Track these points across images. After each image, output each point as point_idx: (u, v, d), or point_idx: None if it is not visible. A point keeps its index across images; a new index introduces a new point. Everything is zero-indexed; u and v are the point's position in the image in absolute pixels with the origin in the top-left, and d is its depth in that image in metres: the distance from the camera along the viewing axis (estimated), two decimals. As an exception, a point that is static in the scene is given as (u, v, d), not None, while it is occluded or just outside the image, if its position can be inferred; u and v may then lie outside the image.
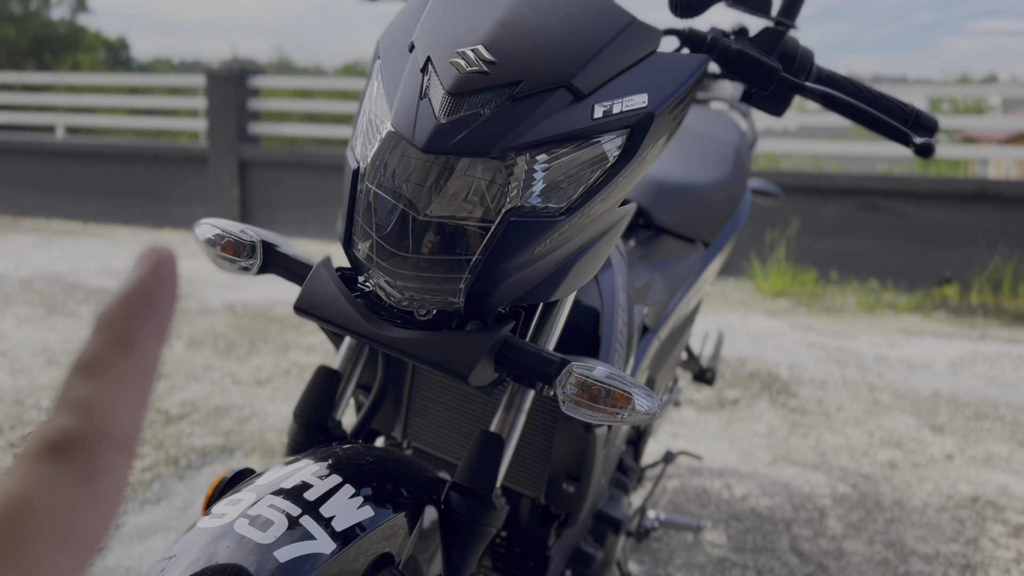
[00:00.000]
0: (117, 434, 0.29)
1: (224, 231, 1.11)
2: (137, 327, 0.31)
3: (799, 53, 1.16)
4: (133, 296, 0.31)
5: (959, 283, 6.18)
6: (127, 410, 0.30)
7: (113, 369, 0.30)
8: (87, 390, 0.29)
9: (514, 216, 0.93)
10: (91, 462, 0.28)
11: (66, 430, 0.29)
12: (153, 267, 0.32)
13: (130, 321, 0.31)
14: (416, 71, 0.97)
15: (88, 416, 0.29)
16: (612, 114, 0.96)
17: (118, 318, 0.31)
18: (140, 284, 0.31)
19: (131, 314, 0.31)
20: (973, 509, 2.86)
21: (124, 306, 0.31)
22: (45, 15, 28.07)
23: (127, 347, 0.30)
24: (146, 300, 0.31)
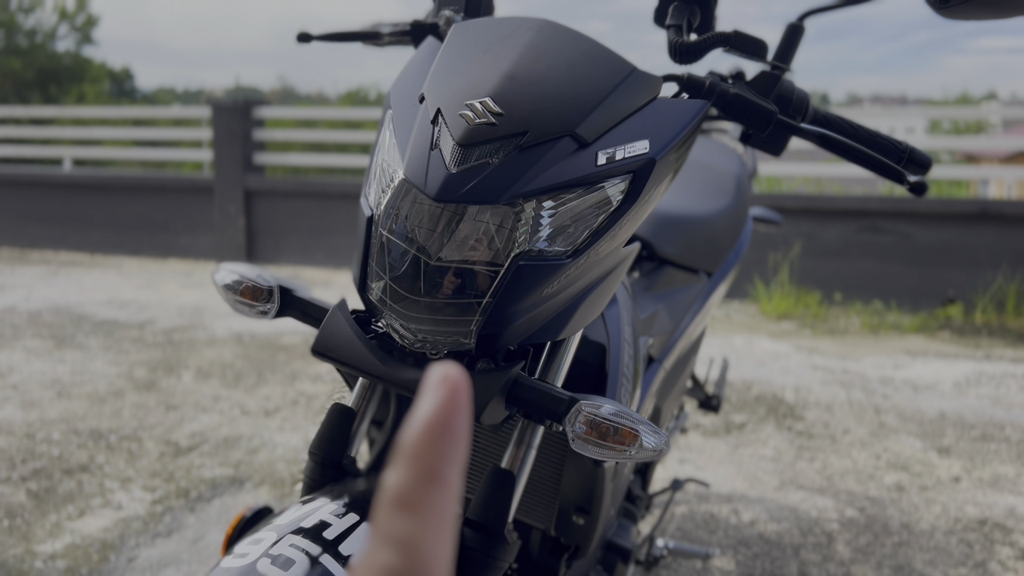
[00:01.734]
0: (434, 570, 0.30)
1: (242, 276, 1.14)
2: (442, 458, 0.30)
3: (795, 95, 1.19)
4: (435, 426, 0.30)
5: (963, 303, 6.19)
6: (441, 544, 0.30)
7: (425, 503, 0.30)
8: (405, 526, 0.29)
9: (523, 260, 0.95)
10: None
11: (393, 568, 0.29)
12: (450, 394, 0.31)
13: (435, 452, 0.30)
14: (427, 122, 1.00)
15: (409, 553, 0.29)
16: (615, 160, 0.98)
17: (424, 450, 0.30)
18: (440, 413, 0.31)
19: (435, 445, 0.30)
20: (981, 532, 2.86)
21: (428, 436, 0.30)
22: (50, 47, 28.29)
23: (436, 480, 0.30)
24: (447, 430, 0.31)
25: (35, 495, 2.94)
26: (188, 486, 3.04)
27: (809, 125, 1.20)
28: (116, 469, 3.17)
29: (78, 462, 3.22)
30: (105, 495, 2.96)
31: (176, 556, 2.58)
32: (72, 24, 28.92)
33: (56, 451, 3.31)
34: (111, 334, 5.19)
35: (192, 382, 4.23)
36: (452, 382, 0.31)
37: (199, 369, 4.45)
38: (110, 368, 4.43)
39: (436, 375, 0.32)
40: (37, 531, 2.70)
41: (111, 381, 4.21)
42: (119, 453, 3.31)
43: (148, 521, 2.78)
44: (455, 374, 0.32)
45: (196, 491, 3.00)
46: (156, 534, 2.71)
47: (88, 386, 4.12)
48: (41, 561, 2.52)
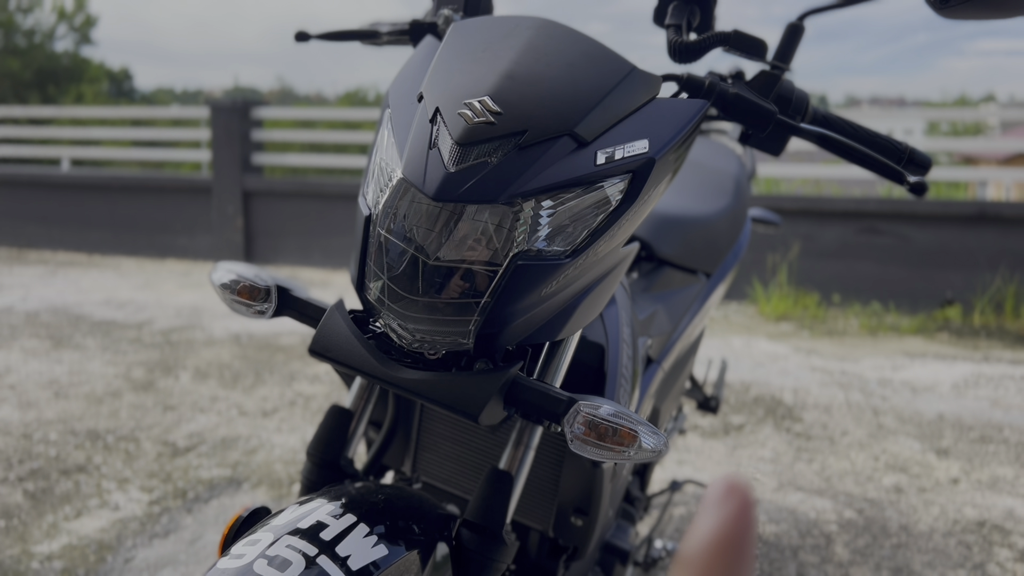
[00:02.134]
0: None
1: (240, 276, 1.14)
2: None
3: (795, 95, 1.19)
4: (721, 544, 0.28)
5: (961, 305, 6.19)
6: None
7: None
8: None
9: (521, 259, 0.95)
10: None
11: None
12: (739, 509, 0.29)
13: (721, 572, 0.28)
14: (425, 121, 0.99)
15: None
16: (614, 160, 0.98)
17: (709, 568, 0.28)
18: (727, 530, 0.28)
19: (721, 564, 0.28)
20: (979, 534, 2.86)
21: (714, 555, 0.28)
22: (49, 48, 28.26)
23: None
24: (733, 548, 0.28)
25: (32, 496, 2.93)
26: (185, 487, 3.03)
27: (809, 125, 1.20)
28: (113, 470, 3.16)
29: (75, 463, 3.21)
30: (102, 496, 2.95)
31: (173, 557, 2.57)
32: (71, 24, 28.91)
33: (53, 451, 3.30)
34: (109, 334, 5.18)
35: (190, 383, 4.22)
36: (741, 495, 0.29)
37: (197, 370, 4.44)
38: (108, 368, 4.42)
39: (723, 486, 0.30)
40: (34, 532, 2.69)
41: (109, 381, 4.20)
42: (116, 453, 3.30)
43: (145, 522, 2.78)
44: (743, 487, 0.30)
45: (193, 492, 2.99)
46: (153, 535, 2.70)
47: (85, 386, 4.11)
48: (38, 562, 2.52)
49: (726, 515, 0.29)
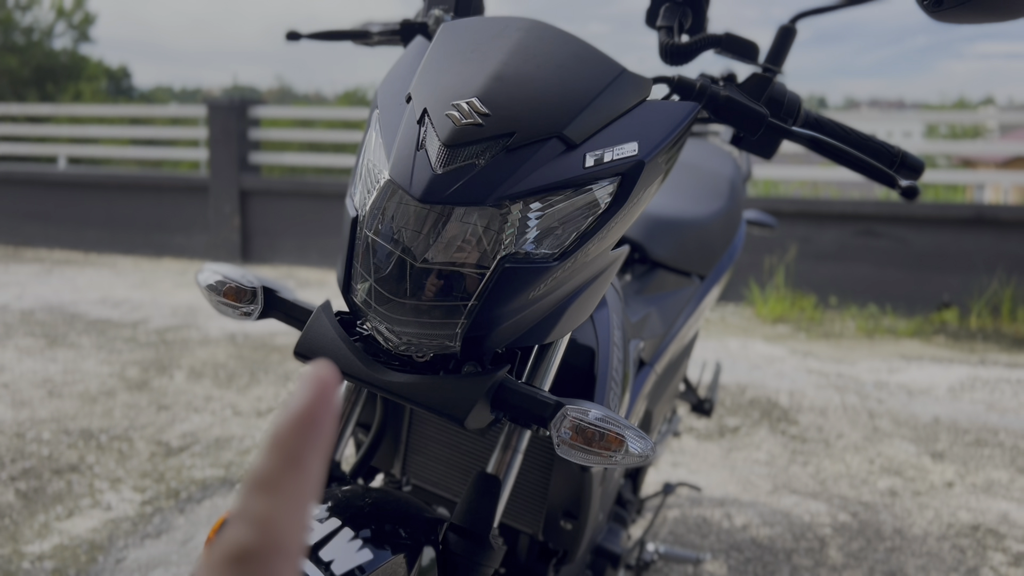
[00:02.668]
0: (287, 546, 0.32)
1: (226, 277, 1.14)
2: (306, 447, 0.33)
3: (786, 98, 1.18)
4: (302, 418, 0.33)
5: (958, 308, 6.19)
6: (295, 523, 0.32)
7: (285, 486, 0.32)
8: (263, 506, 0.32)
9: (509, 262, 0.94)
10: (266, 572, 0.31)
11: (246, 543, 0.31)
12: (319, 391, 0.34)
13: (300, 442, 0.33)
14: (413, 122, 0.99)
15: (265, 530, 0.31)
16: (603, 162, 0.97)
17: (290, 439, 0.33)
18: (308, 407, 0.34)
19: (301, 435, 0.33)
20: (974, 537, 2.86)
21: (295, 427, 0.33)
22: (48, 45, 28.20)
23: (298, 466, 0.33)
24: (313, 422, 0.33)
25: (24, 495, 2.92)
26: (178, 487, 3.02)
27: (800, 128, 1.20)
28: (106, 469, 3.15)
29: (68, 462, 3.20)
30: (94, 495, 2.94)
31: (165, 557, 2.56)
32: (69, 22, 28.86)
33: (46, 451, 3.29)
34: (104, 333, 5.17)
35: (184, 382, 4.21)
36: (323, 380, 0.34)
37: (191, 369, 4.43)
38: (102, 367, 4.41)
39: (309, 373, 0.35)
40: (25, 531, 2.68)
41: (103, 380, 4.19)
42: (109, 453, 3.29)
43: (137, 522, 2.77)
44: (327, 374, 0.35)
45: (186, 492, 2.98)
46: (145, 535, 2.69)
47: (80, 385, 4.10)
48: (29, 562, 2.51)
49: (307, 395, 0.34)
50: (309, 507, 0.33)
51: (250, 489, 0.33)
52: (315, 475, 0.34)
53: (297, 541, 0.32)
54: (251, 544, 0.31)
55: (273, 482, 0.32)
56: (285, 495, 0.32)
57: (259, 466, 0.33)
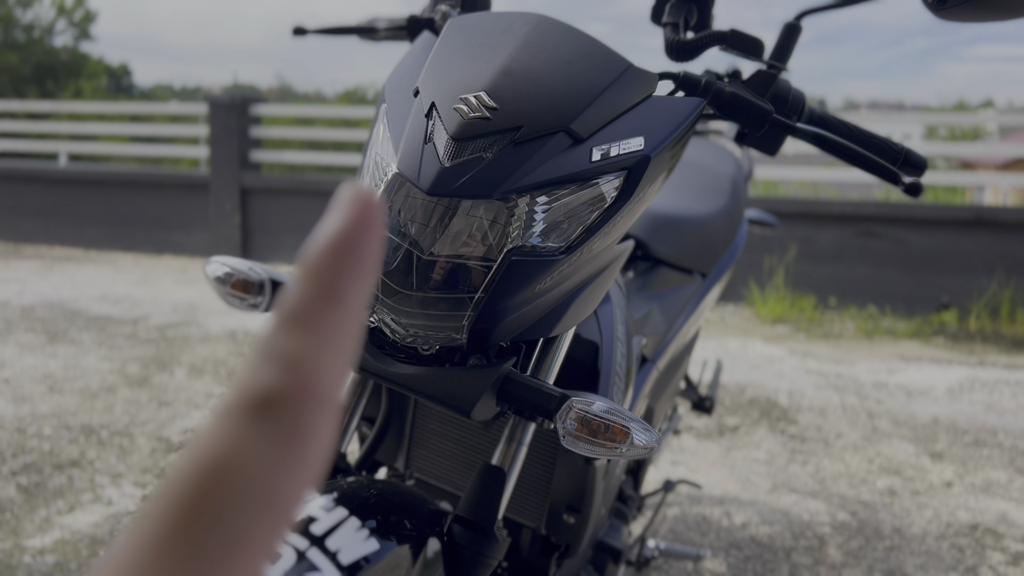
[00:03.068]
0: (322, 392, 0.27)
1: (234, 269, 1.14)
2: (344, 276, 0.28)
3: (791, 95, 1.19)
4: (339, 243, 0.29)
5: (957, 309, 6.20)
6: (332, 366, 0.28)
7: (319, 321, 0.28)
8: (293, 343, 0.27)
9: (515, 255, 0.95)
10: (296, 422, 0.26)
11: (272, 386, 0.27)
12: (359, 212, 0.29)
13: (337, 270, 0.28)
14: (421, 116, 0.99)
15: (295, 372, 0.27)
16: (609, 157, 0.98)
17: (325, 266, 0.28)
18: (346, 230, 0.29)
19: (338, 262, 0.28)
20: (972, 537, 2.86)
21: (330, 254, 0.28)
22: (48, 42, 28.18)
23: (334, 298, 0.28)
24: (352, 247, 0.29)
25: (25, 490, 2.93)
26: (179, 482, 3.02)
27: (805, 125, 1.20)
28: (107, 465, 3.15)
29: (69, 457, 3.20)
30: (95, 491, 2.95)
31: (166, 552, 2.56)
32: (70, 19, 28.85)
33: (47, 446, 3.30)
34: (104, 330, 5.17)
35: (185, 379, 4.21)
36: (363, 198, 0.30)
37: (192, 366, 4.44)
38: (103, 364, 4.42)
39: (347, 192, 0.30)
40: (26, 526, 2.69)
41: (103, 377, 4.19)
42: (110, 449, 3.30)
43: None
44: (366, 190, 0.30)
45: (187, 487, 2.98)
46: (146, 530, 2.69)
47: (80, 381, 4.11)
48: (30, 556, 2.51)
49: (346, 217, 0.29)
50: (348, 348, 0.28)
51: (279, 324, 0.28)
52: (356, 310, 0.29)
53: (334, 386, 0.28)
54: (279, 387, 0.27)
55: (307, 316, 0.28)
56: (321, 331, 0.28)
57: (290, 297, 0.28)
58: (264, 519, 0.25)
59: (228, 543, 0.25)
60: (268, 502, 0.26)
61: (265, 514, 0.26)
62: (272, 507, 0.26)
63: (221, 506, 0.25)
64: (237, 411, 0.26)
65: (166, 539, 0.24)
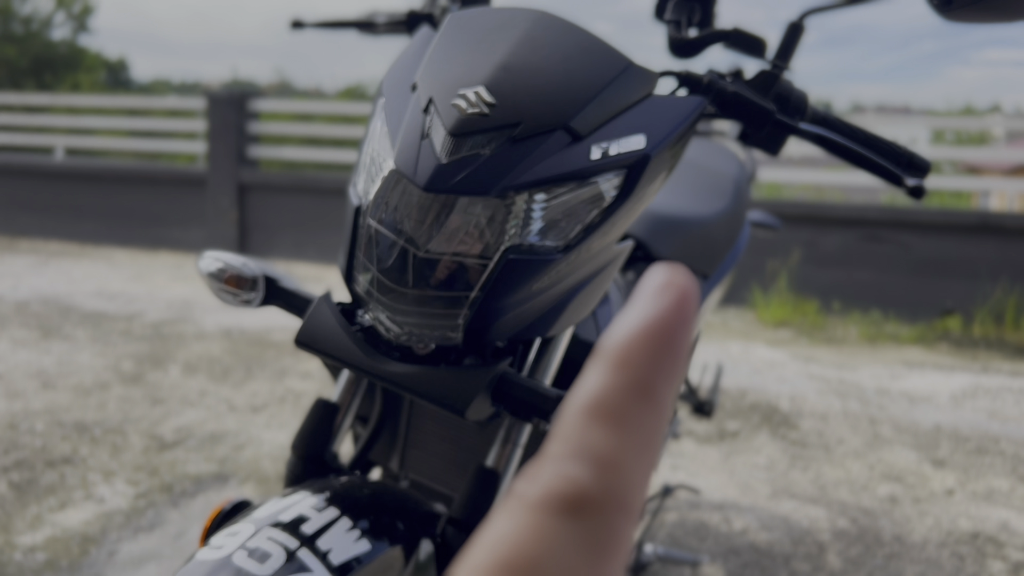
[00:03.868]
0: (630, 501, 0.25)
1: (227, 264, 1.14)
2: (658, 372, 0.26)
3: (793, 95, 1.18)
4: (655, 334, 0.26)
5: (961, 315, 6.17)
6: (641, 473, 0.25)
7: (632, 420, 0.25)
8: (607, 442, 0.25)
9: (512, 254, 0.94)
10: (605, 532, 0.24)
11: (584, 488, 0.24)
12: (677, 302, 0.27)
13: (651, 364, 0.26)
14: (418, 111, 0.98)
15: (608, 475, 0.25)
16: (609, 155, 0.97)
17: (638, 358, 0.26)
18: (662, 320, 0.26)
19: (652, 355, 0.26)
20: (973, 545, 2.83)
21: (644, 344, 0.26)
22: (46, 35, 28.15)
23: (648, 395, 0.26)
24: (667, 340, 0.26)
25: (16, 486, 2.90)
26: (172, 481, 2.99)
27: (807, 125, 1.19)
28: (99, 462, 3.12)
29: (61, 454, 3.17)
30: (87, 488, 2.92)
31: (158, 551, 2.54)
32: (69, 12, 28.81)
33: (39, 442, 3.27)
34: (99, 326, 5.15)
35: (179, 376, 4.18)
36: (680, 287, 0.27)
37: (186, 363, 4.41)
38: (97, 360, 4.39)
39: (661, 277, 0.27)
40: (17, 523, 2.66)
41: (97, 373, 4.17)
42: (103, 446, 3.27)
43: (130, 515, 2.74)
44: (684, 279, 0.27)
45: (180, 486, 2.96)
46: (138, 529, 2.66)
47: (74, 378, 4.08)
48: (20, 553, 2.48)
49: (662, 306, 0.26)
50: (657, 452, 0.26)
51: (586, 413, 0.25)
52: (667, 413, 0.26)
53: (641, 496, 0.25)
54: (592, 490, 0.24)
55: (619, 413, 0.25)
56: (634, 432, 0.25)
57: (598, 388, 0.25)
58: None
59: None
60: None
61: None
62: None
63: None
64: (545, 507, 0.24)
65: None
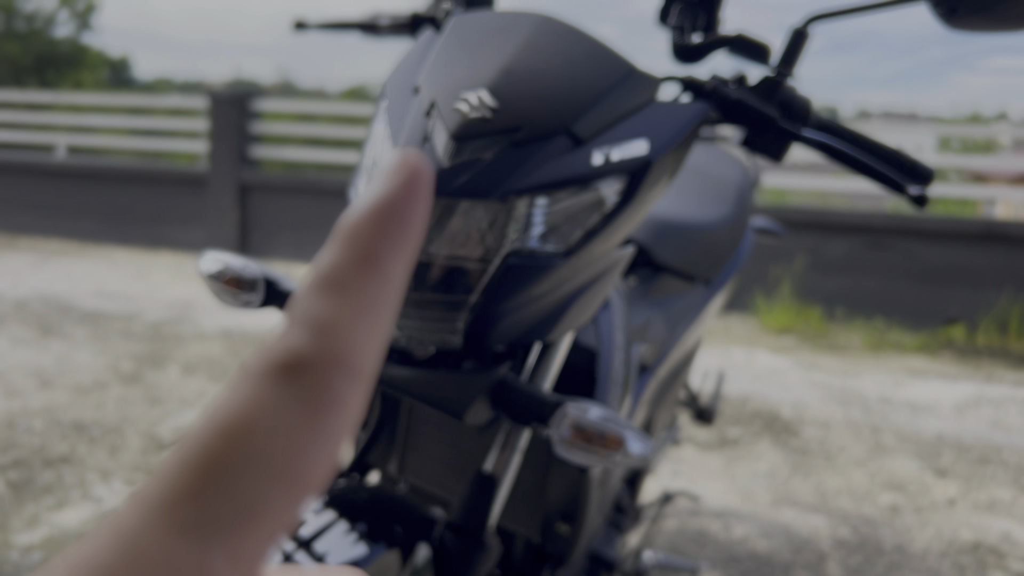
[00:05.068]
0: (352, 362, 0.26)
1: (227, 266, 1.14)
2: (385, 244, 0.27)
3: (797, 102, 1.18)
4: (383, 209, 0.27)
5: (965, 323, 6.15)
6: (365, 336, 0.26)
7: (355, 288, 0.26)
8: (325, 308, 0.26)
9: (513, 258, 0.94)
10: (322, 391, 0.25)
11: (300, 351, 0.25)
12: (407, 180, 0.28)
13: (378, 237, 0.27)
14: (421, 114, 0.98)
15: (325, 338, 0.25)
16: (611, 160, 0.97)
17: (365, 232, 0.27)
18: (391, 197, 0.27)
19: (379, 229, 0.27)
20: (974, 555, 2.82)
21: (372, 220, 0.27)
22: (49, 33, 28.15)
23: (373, 265, 0.27)
24: (396, 215, 0.27)
25: (14, 485, 2.89)
26: (169, 482, 2.98)
27: (810, 132, 1.18)
28: (97, 462, 3.11)
29: (59, 454, 3.16)
30: (85, 488, 2.91)
31: (153, 553, 2.52)
32: (72, 10, 28.80)
33: (37, 442, 3.26)
34: (98, 325, 5.14)
35: (178, 377, 4.17)
36: (412, 166, 0.28)
37: (186, 364, 4.40)
38: (95, 359, 4.38)
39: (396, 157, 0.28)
40: (14, 522, 2.65)
41: (96, 373, 4.16)
42: (101, 446, 3.26)
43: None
44: (416, 158, 0.28)
45: (177, 487, 2.95)
46: (133, 530, 2.65)
47: (72, 377, 4.07)
48: (17, 553, 2.47)
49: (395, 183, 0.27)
50: (384, 319, 0.26)
51: (312, 287, 0.26)
52: (395, 281, 0.27)
53: (367, 357, 0.26)
54: (308, 352, 0.25)
55: (342, 281, 0.26)
56: (356, 298, 0.26)
57: (325, 260, 0.27)
58: (281, 489, 0.24)
59: (241, 511, 0.23)
60: (287, 471, 0.24)
61: (283, 484, 0.24)
62: (291, 477, 0.24)
63: (236, 471, 0.23)
64: (261, 374, 0.25)
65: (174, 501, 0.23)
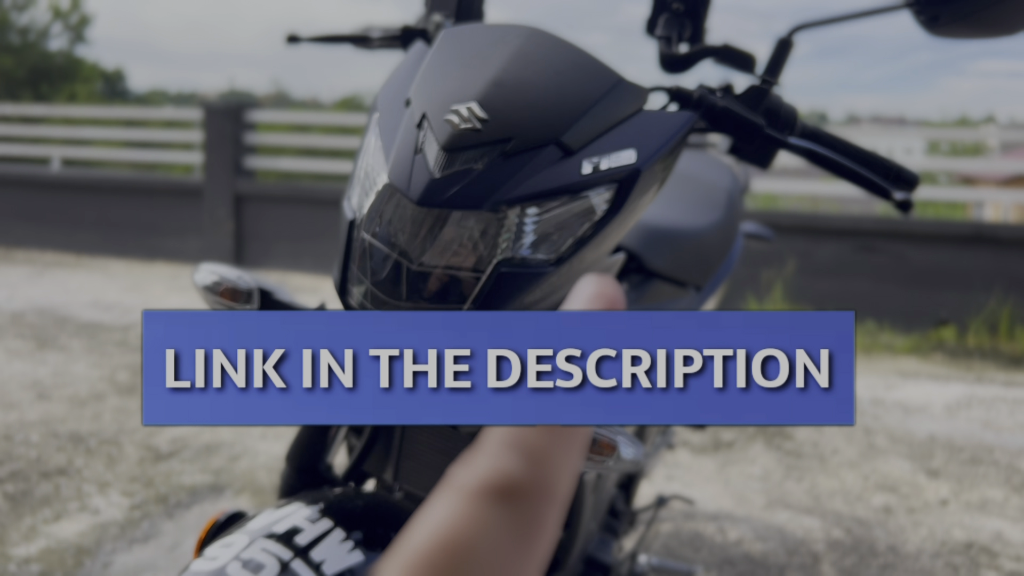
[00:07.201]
0: (558, 490, 0.27)
1: (222, 277, 1.14)
2: None
3: (783, 109, 1.19)
4: None
5: (956, 325, 6.18)
6: (569, 465, 0.28)
7: None
8: (536, 436, 0.27)
9: (505, 267, 0.95)
10: (534, 517, 0.27)
11: (515, 477, 0.27)
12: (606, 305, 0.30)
13: None
14: (412, 126, 1.00)
15: (538, 466, 0.27)
16: (600, 170, 0.98)
17: None
18: None
19: None
20: (967, 555, 2.84)
21: None
22: (43, 46, 28.09)
23: None
24: None
25: (11, 497, 2.89)
26: (167, 492, 2.99)
27: (797, 139, 1.20)
28: (94, 473, 3.12)
29: (56, 465, 3.17)
30: (82, 499, 2.92)
31: (152, 563, 2.54)
32: (66, 23, 28.76)
33: (34, 453, 3.26)
34: (94, 336, 5.14)
35: (176, 386, 4.17)
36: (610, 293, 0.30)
37: (183, 373, 4.40)
38: (92, 371, 4.39)
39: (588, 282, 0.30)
40: (12, 534, 2.66)
41: (93, 384, 4.16)
42: (98, 457, 3.27)
43: (125, 527, 2.74)
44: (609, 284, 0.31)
45: (175, 497, 2.96)
46: (133, 540, 2.66)
47: (69, 389, 4.08)
48: (15, 565, 2.48)
49: None
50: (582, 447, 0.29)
51: None
52: None
53: (568, 485, 0.28)
54: (524, 479, 0.26)
55: None
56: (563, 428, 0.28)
57: None
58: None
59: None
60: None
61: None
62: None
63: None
64: (479, 494, 0.26)
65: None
